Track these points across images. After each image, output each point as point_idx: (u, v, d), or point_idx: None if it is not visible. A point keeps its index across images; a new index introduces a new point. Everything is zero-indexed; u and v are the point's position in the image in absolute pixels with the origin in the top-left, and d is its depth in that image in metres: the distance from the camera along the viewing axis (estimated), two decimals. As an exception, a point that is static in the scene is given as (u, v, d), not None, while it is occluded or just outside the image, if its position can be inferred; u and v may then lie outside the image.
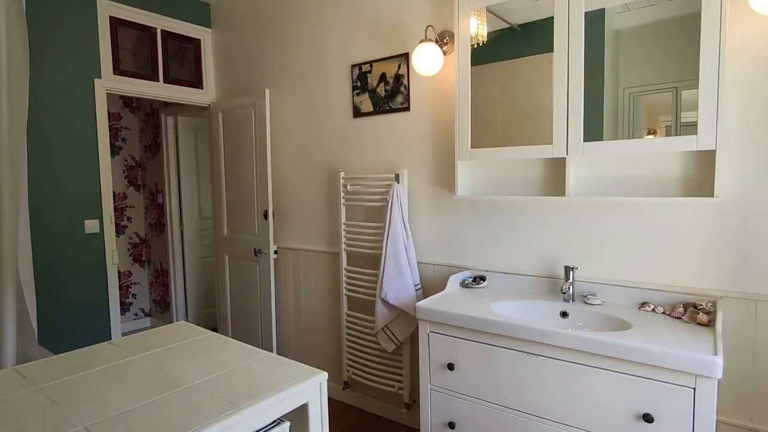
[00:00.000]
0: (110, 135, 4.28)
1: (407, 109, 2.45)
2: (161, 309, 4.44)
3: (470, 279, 2.20)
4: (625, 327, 1.61)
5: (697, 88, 1.56)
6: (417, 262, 2.46)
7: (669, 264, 1.77)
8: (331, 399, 2.95)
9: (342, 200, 2.70)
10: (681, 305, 1.67)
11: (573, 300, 1.88)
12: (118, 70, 3.05)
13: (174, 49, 3.36)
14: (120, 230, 4.38)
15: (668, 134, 1.64)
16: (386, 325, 2.44)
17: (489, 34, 1.99)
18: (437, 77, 2.32)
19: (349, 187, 2.67)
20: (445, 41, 2.26)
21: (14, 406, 1.08)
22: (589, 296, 1.86)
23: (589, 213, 1.93)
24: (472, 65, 2.05)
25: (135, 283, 4.49)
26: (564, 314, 1.85)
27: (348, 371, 2.77)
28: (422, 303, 1.89)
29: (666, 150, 1.62)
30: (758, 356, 1.63)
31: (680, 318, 1.63)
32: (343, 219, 2.73)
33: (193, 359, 1.35)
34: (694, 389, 1.32)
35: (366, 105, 2.62)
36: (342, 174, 2.69)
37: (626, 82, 1.70)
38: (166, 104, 4.15)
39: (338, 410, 2.80)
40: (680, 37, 1.59)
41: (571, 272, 1.88)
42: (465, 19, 2.05)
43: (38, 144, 2.68)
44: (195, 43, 3.49)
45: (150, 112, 4.32)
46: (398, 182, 2.41)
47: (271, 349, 3.13)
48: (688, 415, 1.33)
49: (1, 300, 2.27)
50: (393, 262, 2.38)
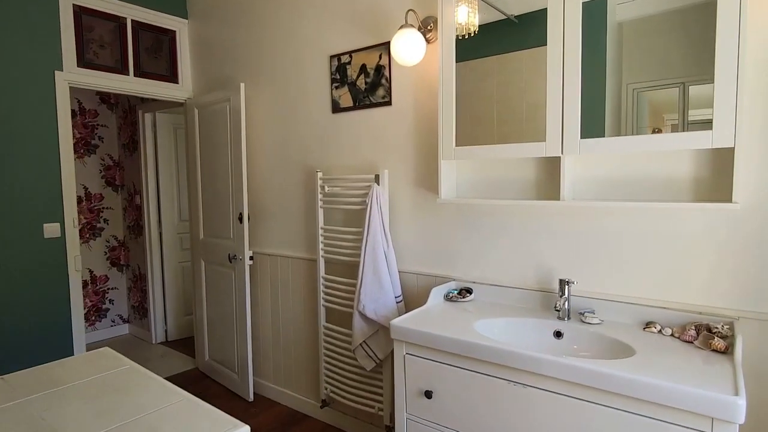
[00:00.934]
0: (86, 133, 4.08)
1: (389, 104, 2.23)
2: (139, 315, 4.23)
3: (455, 292, 1.98)
4: (628, 353, 1.39)
5: (707, 83, 1.35)
6: (398, 272, 2.24)
7: (678, 278, 1.55)
8: (309, 417, 2.73)
9: (319, 203, 2.49)
10: (692, 327, 1.44)
11: (568, 317, 1.66)
12: (84, 63, 2.84)
13: (147, 41, 3.15)
14: (97, 233, 4.17)
15: (675, 132, 1.42)
16: (365, 341, 2.22)
17: (483, 27, 1.77)
18: (421, 68, 2.11)
19: (327, 189, 2.46)
20: (429, 28, 2.04)
21: None
22: (587, 314, 1.64)
23: (588, 219, 1.71)
24: (464, 59, 1.83)
25: (112, 288, 4.28)
26: (558, 334, 1.63)
27: (326, 389, 2.55)
28: (398, 321, 1.68)
29: (676, 147, 1.40)
30: (782, 387, 1.40)
31: (692, 342, 1.41)
32: (321, 223, 2.51)
33: (94, 403, 1.13)
34: (711, 434, 1.10)
35: (345, 99, 2.40)
36: (319, 174, 2.47)
37: (629, 78, 1.49)
38: (144, 100, 3.94)
39: (315, 430, 2.58)
40: (688, 29, 1.38)
41: (567, 286, 1.66)
42: (449, 2, 1.83)
43: (-10, 141, 2.48)
44: (170, 35, 3.28)
45: (128, 109, 4.12)
46: (378, 183, 2.19)
47: (246, 362, 2.92)
48: (704, 465, 1.11)
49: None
50: (372, 272, 2.16)
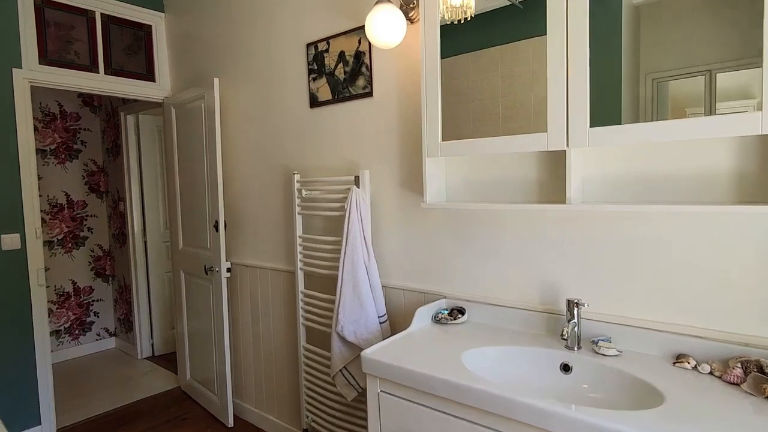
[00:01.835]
0: (67, 137, 3.88)
1: (369, 95, 1.95)
2: (126, 328, 4.01)
3: (446, 312, 1.69)
4: (655, 399, 1.08)
5: (740, 69, 1.07)
6: (383, 287, 1.96)
7: (719, 300, 1.24)
8: (291, 448, 2.46)
9: (297, 208, 2.22)
10: (738, 363, 1.13)
11: (578, 346, 1.36)
12: (46, 59, 2.62)
13: (120, 37, 2.93)
14: (80, 242, 3.97)
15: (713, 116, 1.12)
16: (345, 367, 1.94)
17: (485, 14, 1.47)
18: (404, 53, 1.83)
19: (305, 193, 2.19)
20: (412, 5, 1.76)
21: None
22: (601, 342, 1.34)
23: (600, 226, 1.41)
24: (462, 51, 1.53)
25: (97, 300, 4.07)
26: (565, 368, 1.33)
27: (307, 417, 2.28)
28: (371, 352, 1.39)
29: (713, 134, 1.09)
30: None
31: (738, 385, 1.10)
32: (299, 231, 2.24)
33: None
34: None
35: (324, 92, 2.13)
36: (297, 177, 2.20)
37: (648, 66, 1.20)
38: (125, 101, 3.73)
39: (296, 464, 2.31)
40: (716, 8, 1.10)
41: (576, 308, 1.36)
42: (432, -29, 1.55)
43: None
44: (145, 30, 3.05)
45: (111, 111, 3.91)
46: (358, 186, 1.92)
47: (225, 383, 2.65)
48: None
49: None
50: (351, 288, 1.88)
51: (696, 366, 1.20)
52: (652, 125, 1.16)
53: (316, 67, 2.15)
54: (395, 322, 1.94)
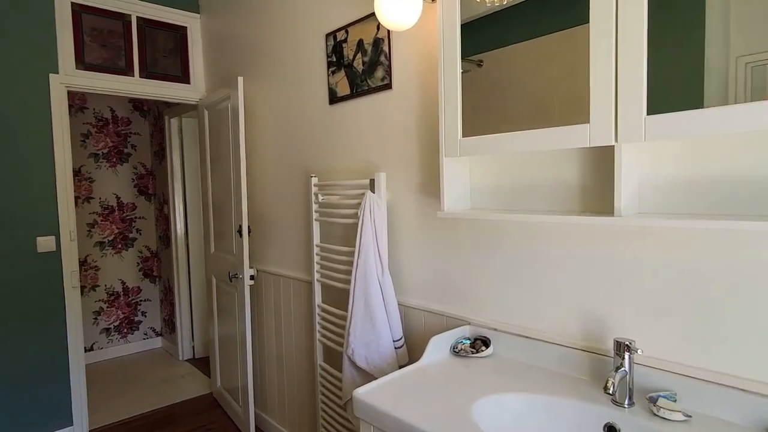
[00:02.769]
0: (118, 141, 4.00)
1: (388, 87, 1.72)
2: (169, 329, 4.07)
3: (467, 342, 1.41)
4: (738, 499, 0.76)
5: None
6: (400, 306, 1.71)
7: (836, 356, 0.87)
8: (309, 473, 2.28)
9: (314, 214, 2.04)
10: None
11: (629, 402, 1.04)
12: (83, 64, 2.65)
13: (155, 40, 2.92)
14: (129, 243, 4.08)
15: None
16: (356, 395, 1.71)
17: (523, 3, 1.20)
18: (425, 38, 1.58)
19: (321, 198, 2.00)
20: (433, -21, 1.50)
21: None
22: (662, 400, 1.01)
23: (663, 247, 1.08)
24: (499, 45, 1.26)
25: (145, 300, 4.17)
26: (611, 431, 1.01)
27: (324, 442, 2.08)
28: (363, 392, 1.16)
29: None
30: None
31: None
32: (317, 239, 2.05)
33: None
34: None
35: (342, 86, 1.93)
36: (314, 180, 2.02)
37: (740, 49, 0.87)
38: (169, 105, 3.77)
39: (312, 492, 2.12)
40: None
41: (627, 352, 1.04)
42: (450, -66, 1.29)
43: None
44: (180, 32, 3.03)
45: (157, 115, 3.99)
46: (373, 190, 1.69)
47: (247, 395, 2.53)
48: None
49: None
50: (362, 306, 1.66)
51: (803, 450, 0.85)
52: (749, 107, 0.83)
53: (335, 60, 1.96)
54: (414, 348, 1.69)
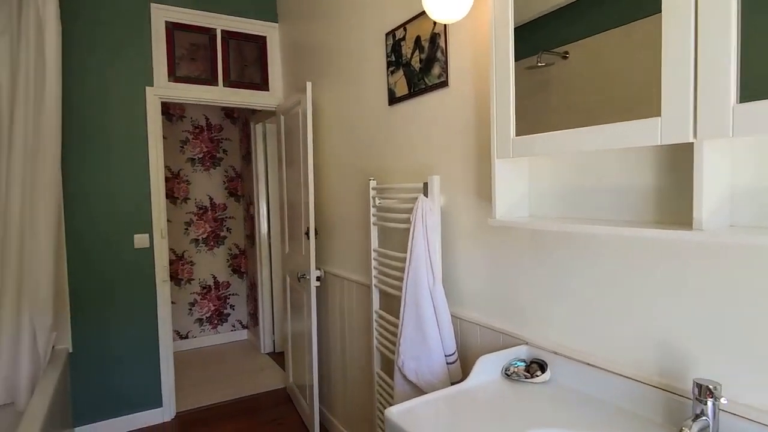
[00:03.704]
0: (212, 147, 4.33)
1: (445, 84, 1.62)
2: (254, 323, 4.31)
3: (521, 365, 1.27)
4: None
5: None
6: (453, 318, 1.60)
7: None
8: (368, 480, 2.24)
9: (372, 218, 1.99)
10: None
11: (715, 461, 0.84)
12: (174, 77, 2.89)
13: (237, 50, 3.10)
14: (220, 241, 4.40)
15: None
16: (407, 408, 1.63)
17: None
18: (482, 30, 1.45)
19: (378, 201, 1.95)
20: (490, -35, 1.37)
21: None
22: (759, 463, 0.80)
23: (757, 268, 0.85)
24: (583, 36, 1.13)
25: (233, 294, 4.47)
26: (686, 494, 0.83)
27: (380, 452, 2.03)
28: (397, 412, 1.08)
29: None
30: None
31: None
32: (375, 244, 2.01)
33: None
34: None
35: (401, 86, 1.87)
36: (372, 183, 1.98)
37: None
38: (254, 111, 3.99)
39: (369, 501, 2.08)
40: None
41: (710, 399, 0.84)
42: None
43: (84, 155, 2.64)
44: (260, 42, 3.18)
45: (245, 121, 4.24)
46: (426, 195, 1.60)
47: (312, 394, 2.57)
48: None
49: (10, 325, 2.20)
50: (413, 317, 1.58)
51: None
52: None
53: (394, 59, 1.90)
54: (468, 364, 1.57)
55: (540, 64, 1.12)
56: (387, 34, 1.93)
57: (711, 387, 0.85)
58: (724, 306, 0.91)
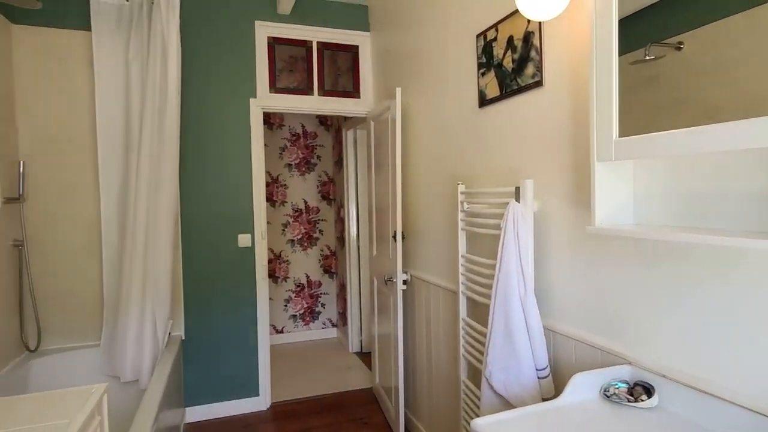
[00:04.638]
0: (307, 153, 4.57)
1: (539, 84, 1.54)
2: (342, 322, 4.46)
3: (623, 386, 1.16)
4: None
5: None
6: (545, 330, 1.51)
7: None
8: (452, 490, 2.20)
9: (459, 223, 1.96)
10: None
11: None
12: (275, 88, 3.10)
13: (331, 60, 3.24)
14: (313, 242, 4.62)
15: None
16: (494, 421, 1.58)
17: None
18: (580, 26, 1.36)
19: (466, 206, 1.91)
20: (591, -45, 1.28)
21: None
22: None
23: None
24: (699, 25, 1.04)
25: (324, 293, 4.66)
26: None
27: (465, 462, 1.98)
28: (484, 422, 1.05)
29: None
30: None
31: None
32: (462, 249, 1.97)
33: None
34: None
35: (492, 88, 1.82)
36: (461, 187, 1.95)
37: None
38: (346, 118, 4.13)
39: None
40: None
41: None
42: None
43: (196, 161, 2.93)
44: (352, 51, 3.29)
45: (338, 128, 4.42)
46: (518, 200, 1.54)
47: (398, 396, 2.59)
48: None
49: (136, 313, 2.49)
50: (502, 326, 1.52)
51: None
52: None
53: (485, 60, 1.85)
54: (562, 381, 1.48)
55: (648, 58, 1.02)
56: (477, 36, 1.89)
57: None
58: None
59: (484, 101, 1.87)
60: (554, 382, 1.49)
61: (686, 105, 0.94)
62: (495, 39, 1.78)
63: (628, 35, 1.06)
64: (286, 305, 4.54)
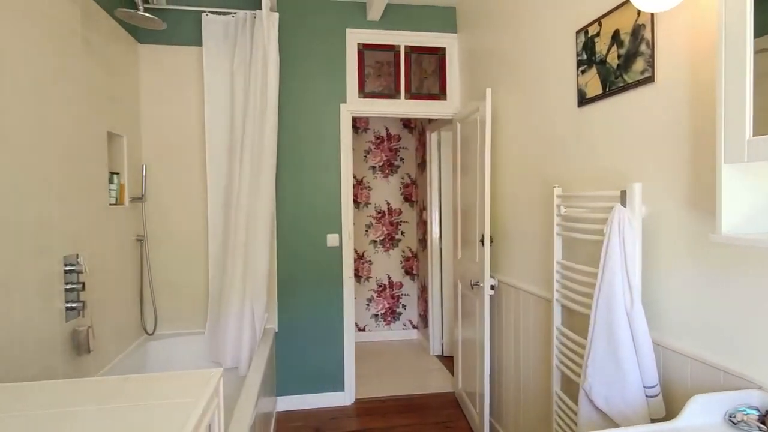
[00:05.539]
0: (391, 155, 4.65)
1: (650, 80, 1.44)
2: (423, 324, 4.47)
3: (753, 413, 1.04)
4: None
5: None
6: (655, 345, 1.40)
7: None
8: (541, 505, 2.11)
9: (556, 228, 1.88)
10: None
11: None
12: (363, 93, 3.19)
13: (417, 63, 3.27)
14: (395, 243, 4.68)
15: None
16: (593, 438, 1.49)
17: None
18: (700, 14, 1.25)
19: (563, 210, 1.82)
20: (717, -64, 1.17)
21: None
22: None
23: None
24: None
25: (405, 295, 4.70)
26: None
27: (557, 478, 1.89)
28: (589, 438, 0.99)
29: None
30: None
31: None
32: (558, 256, 1.89)
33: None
34: None
35: (593, 86, 1.72)
36: (557, 191, 1.87)
37: None
38: (430, 120, 4.14)
39: None
40: None
41: None
42: None
43: (291, 165, 3.09)
44: (439, 53, 3.29)
45: (421, 130, 4.44)
46: (624, 204, 1.44)
47: (483, 403, 2.54)
48: None
49: (237, 306, 2.69)
50: (605, 338, 1.43)
51: None
52: None
53: (586, 57, 1.76)
54: (673, 402, 1.36)
55: (793, 47, 0.91)
56: (578, 32, 1.80)
57: None
58: None
59: (584, 100, 1.78)
60: (664, 403, 1.38)
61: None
62: (597, 34, 1.69)
63: (757, 20, 0.95)
64: (368, 304, 4.64)
